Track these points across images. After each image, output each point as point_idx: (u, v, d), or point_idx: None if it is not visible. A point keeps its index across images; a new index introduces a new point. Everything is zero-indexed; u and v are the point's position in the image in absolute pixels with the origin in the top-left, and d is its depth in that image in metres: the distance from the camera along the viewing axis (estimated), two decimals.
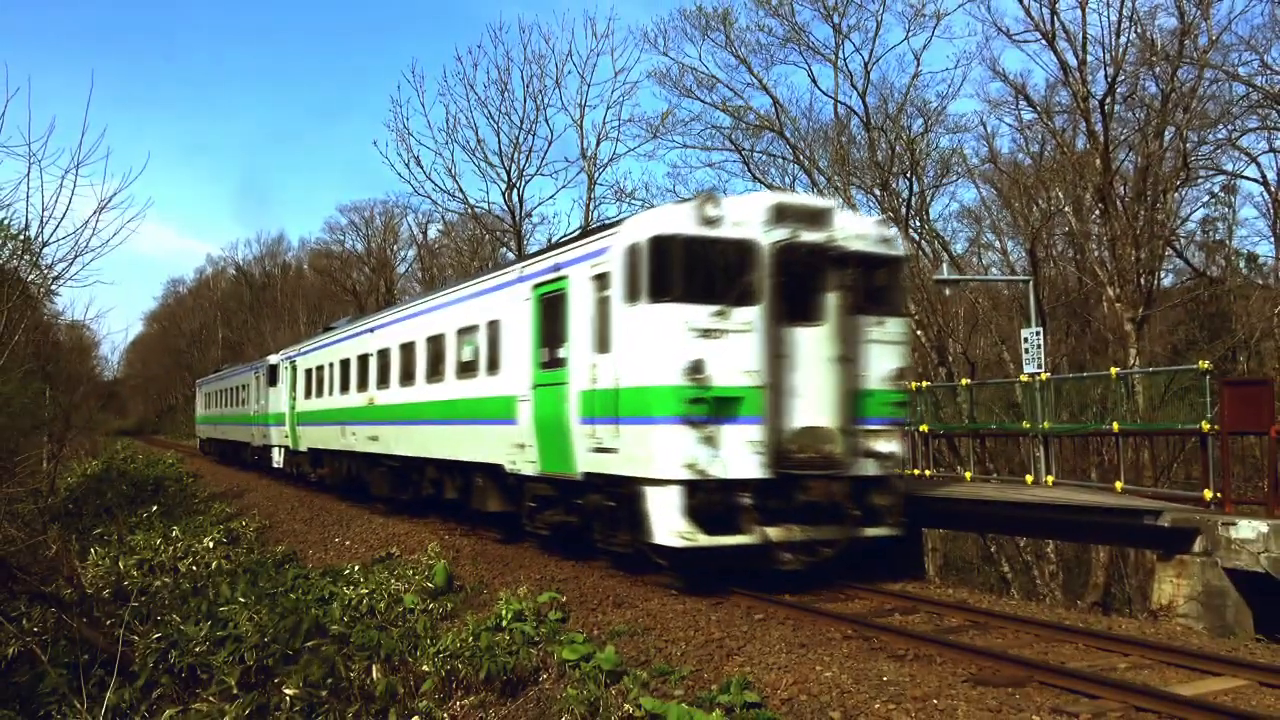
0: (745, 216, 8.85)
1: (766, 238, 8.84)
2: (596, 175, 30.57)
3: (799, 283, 8.97)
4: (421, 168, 33.55)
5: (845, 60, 28.10)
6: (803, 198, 10.01)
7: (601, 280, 9.41)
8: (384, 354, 16.45)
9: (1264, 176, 25.73)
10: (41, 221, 9.56)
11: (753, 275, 8.77)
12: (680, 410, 8.35)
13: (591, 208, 30.59)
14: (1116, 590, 20.79)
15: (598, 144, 30.41)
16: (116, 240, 10.23)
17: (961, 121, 44.81)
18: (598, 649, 6.93)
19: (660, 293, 8.59)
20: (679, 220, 8.72)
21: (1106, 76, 22.59)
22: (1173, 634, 8.12)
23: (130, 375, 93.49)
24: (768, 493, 8.62)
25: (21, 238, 10.90)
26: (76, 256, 10.05)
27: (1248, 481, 17.96)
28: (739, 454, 8.53)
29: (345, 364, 18.98)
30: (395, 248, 57.91)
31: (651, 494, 8.64)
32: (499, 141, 30.71)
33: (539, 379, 10.63)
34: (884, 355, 9.52)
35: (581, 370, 9.65)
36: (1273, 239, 27.14)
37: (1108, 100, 22.57)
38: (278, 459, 25.74)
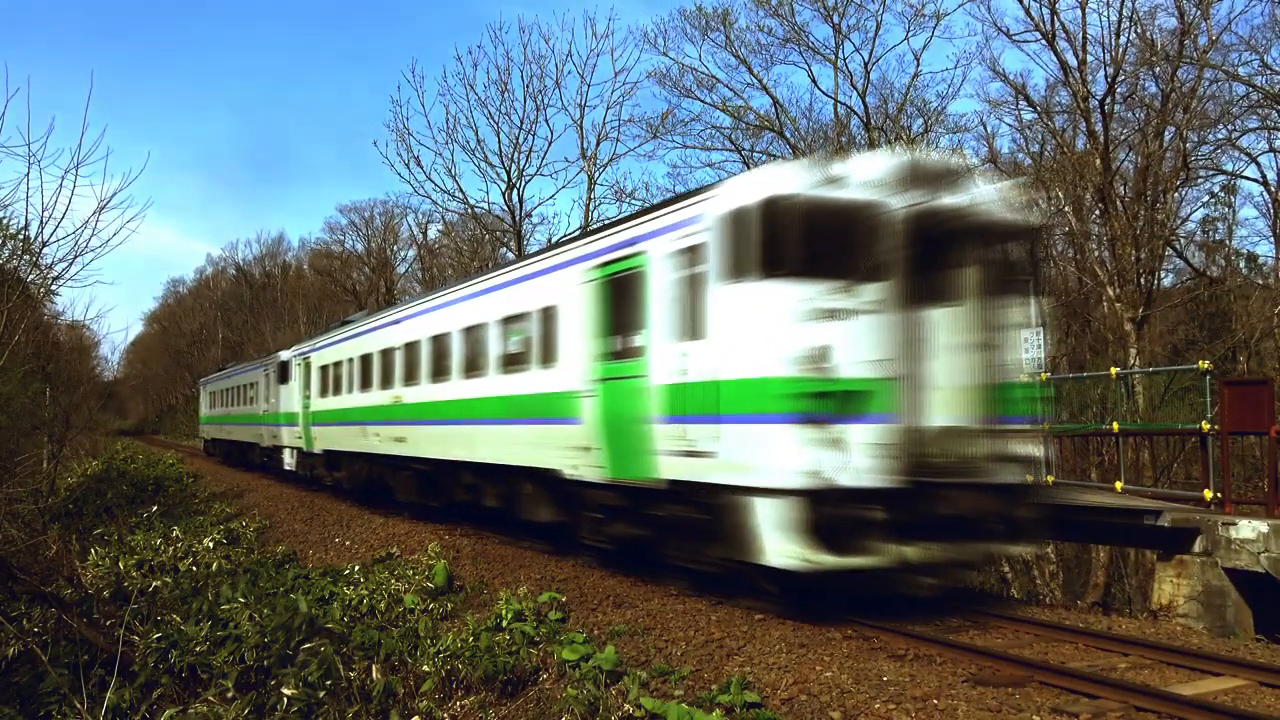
0: (872, 177, 7.61)
1: (897, 202, 7.51)
2: (596, 175, 30.57)
3: (933, 256, 7.61)
4: (421, 168, 33.55)
5: (845, 60, 28.15)
6: (937, 157, 8.69)
7: (692, 254, 8.15)
8: (412, 348, 15.13)
9: (1264, 176, 25.80)
10: (41, 221, 9.59)
11: (882, 246, 7.43)
12: (799, 406, 7.14)
13: (591, 208, 30.60)
14: (1116, 590, 20.77)
15: (598, 144, 30.43)
16: (116, 240, 10.27)
17: (961, 122, 44.65)
18: (598, 649, 6.93)
19: (774, 266, 7.30)
20: (795, 179, 7.46)
21: (1106, 76, 22.59)
22: (1173, 634, 8.11)
23: (130, 375, 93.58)
24: (900, 504, 7.23)
25: (21, 238, 10.93)
26: (76, 256, 10.09)
27: (1248, 481, 17.98)
28: (867, 458, 7.24)
29: (366, 360, 17.56)
30: (395, 248, 58.03)
31: (760, 506, 7.38)
32: (499, 141, 30.75)
33: (606, 371, 9.44)
34: (1023, 342, 8.24)
35: (665, 361, 8.44)
36: (1273, 239, 27.17)
37: (1108, 100, 22.57)
38: (289, 461, 24.44)
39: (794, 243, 7.27)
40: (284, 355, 25.14)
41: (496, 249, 34.61)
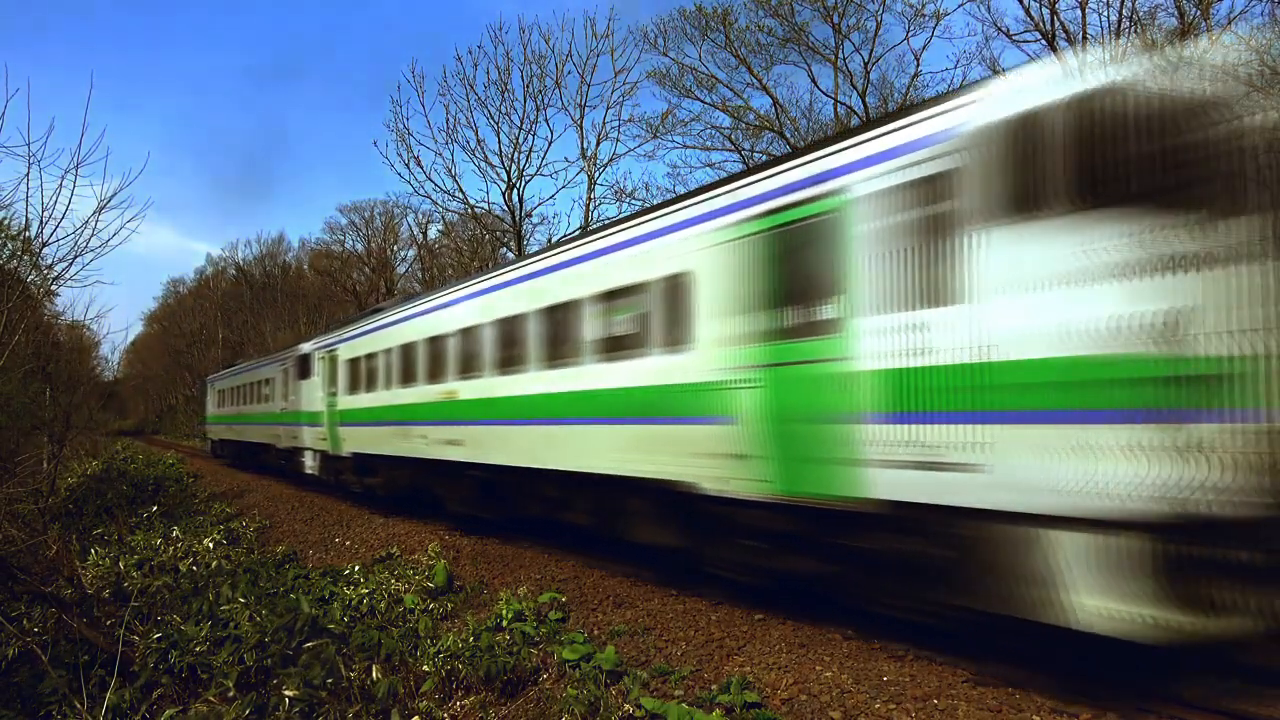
0: (1219, 74, 5.55)
1: (1257, 109, 5.42)
2: (596, 175, 30.58)
3: None
4: (421, 168, 33.64)
5: (845, 60, 28.15)
6: None
7: (929, 189, 6.15)
8: (471, 335, 12.96)
9: None
10: (41, 221, 9.59)
11: (1244, 168, 5.30)
12: (1138, 398, 5.12)
13: (591, 208, 30.63)
14: None
15: (598, 144, 30.45)
16: (116, 240, 10.30)
17: None
18: (598, 649, 6.94)
19: (1090, 194, 5.38)
20: (1114, 71, 5.49)
21: None
22: None
23: (130, 375, 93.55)
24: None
25: (21, 238, 10.93)
26: (76, 256, 10.08)
27: None
28: (1237, 471, 4.97)
29: (409, 350, 15.22)
30: (395, 248, 58.06)
31: (1067, 543, 5.39)
32: (499, 141, 30.94)
33: (773, 355, 7.41)
34: None
35: (879, 337, 6.45)
36: None
37: None
38: (311, 464, 22.00)
39: (1123, 159, 5.31)
40: (305, 348, 22.59)
41: (496, 249, 34.64)
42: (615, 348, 9.58)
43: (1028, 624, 5.89)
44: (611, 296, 9.68)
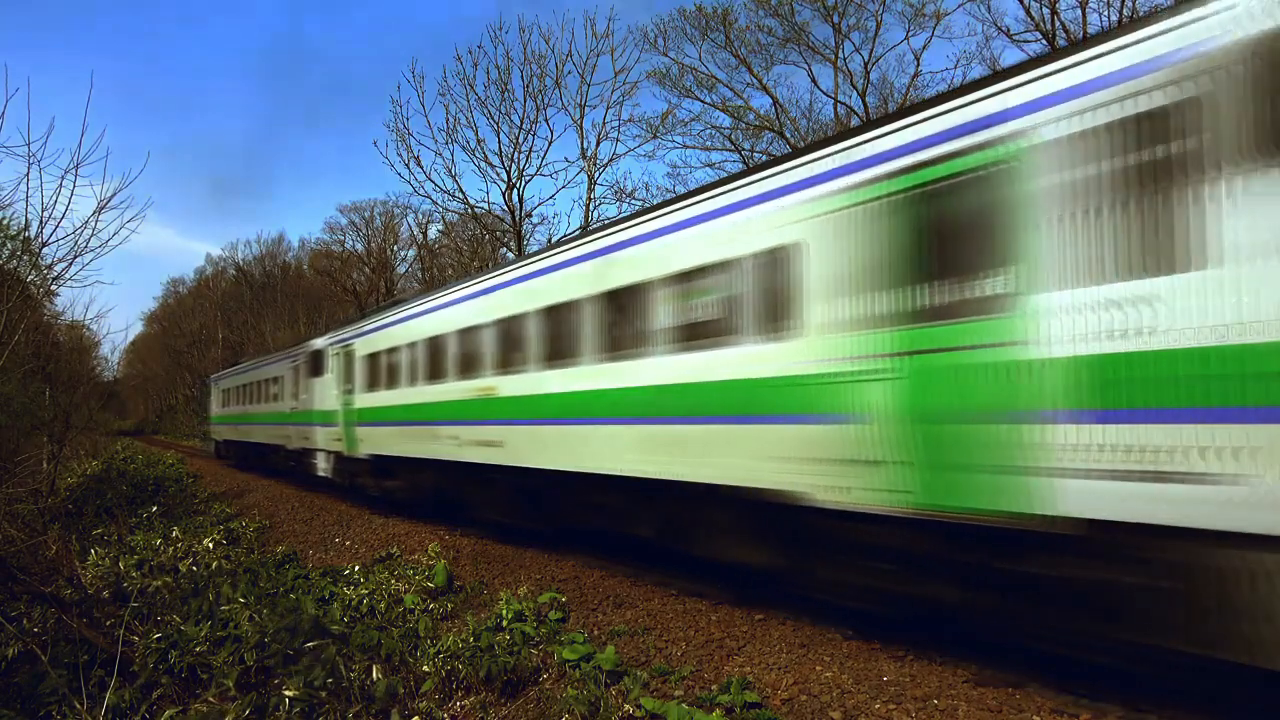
0: None
1: None
2: (596, 175, 30.59)
3: None
4: (421, 168, 33.67)
5: (845, 60, 28.19)
6: None
7: (1150, 126, 5.01)
8: (512, 325, 11.74)
9: None
10: (41, 221, 9.59)
11: None
12: None
13: (591, 208, 30.64)
14: None
15: (598, 144, 30.46)
16: (116, 240, 10.31)
17: None
18: (598, 649, 6.94)
19: None
20: None
21: None
22: None
23: (130, 375, 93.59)
24: None
25: (21, 238, 10.94)
26: (76, 256, 10.08)
27: None
28: None
29: (437, 344, 14.10)
30: (395, 248, 58.08)
31: None
32: (499, 141, 30.94)
33: (913, 340, 6.24)
34: None
35: (1077, 314, 5.28)
36: None
37: None
38: (324, 467, 20.81)
39: None
40: (317, 343, 21.38)
41: (496, 249, 34.66)
42: (693, 336, 8.45)
43: (1028, 624, 5.86)
44: (687, 278, 8.52)
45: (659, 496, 9.02)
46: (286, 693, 6.22)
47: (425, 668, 6.83)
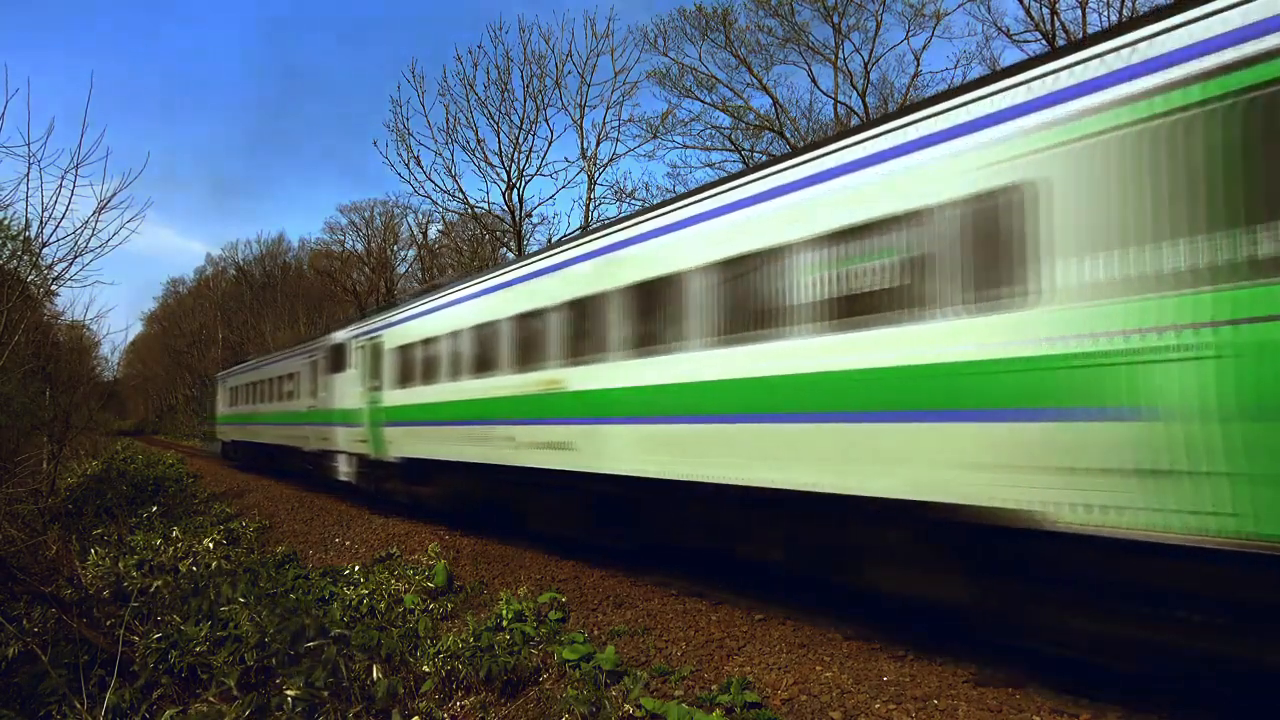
0: None
1: None
2: (596, 175, 30.61)
3: None
4: (421, 168, 33.68)
5: (845, 60, 28.22)
6: None
7: None
8: (587, 306, 10.12)
9: None
10: (41, 221, 9.59)
11: None
12: None
13: (591, 208, 30.65)
14: None
15: (598, 144, 30.51)
16: (116, 240, 10.32)
17: None
18: (598, 649, 6.94)
19: None
20: None
21: None
22: None
23: (130, 375, 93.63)
24: None
25: (21, 238, 10.94)
26: (76, 256, 10.08)
27: None
28: None
29: (487, 332, 12.47)
30: (395, 248, 58.08)
31: None
32: (499, 141, 30.94)
33: (1245, 304, 4.63)
34: None
35: None
36: None
37: None
38: (345, 470, 19.16)
39: None
40: (338, 336, 19.63)
41: (496, 249, 34.68)
42: (854, 311, 6.76)
43: (1027, 624, 5.73)
44: (845, 237, 6.83)
45: (792, 513, 7.48)
46: (289, 692, 6.22)
47: (425, 668, 6.83)
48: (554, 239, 29.64)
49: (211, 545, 13.04)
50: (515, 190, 31.10)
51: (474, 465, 12.61)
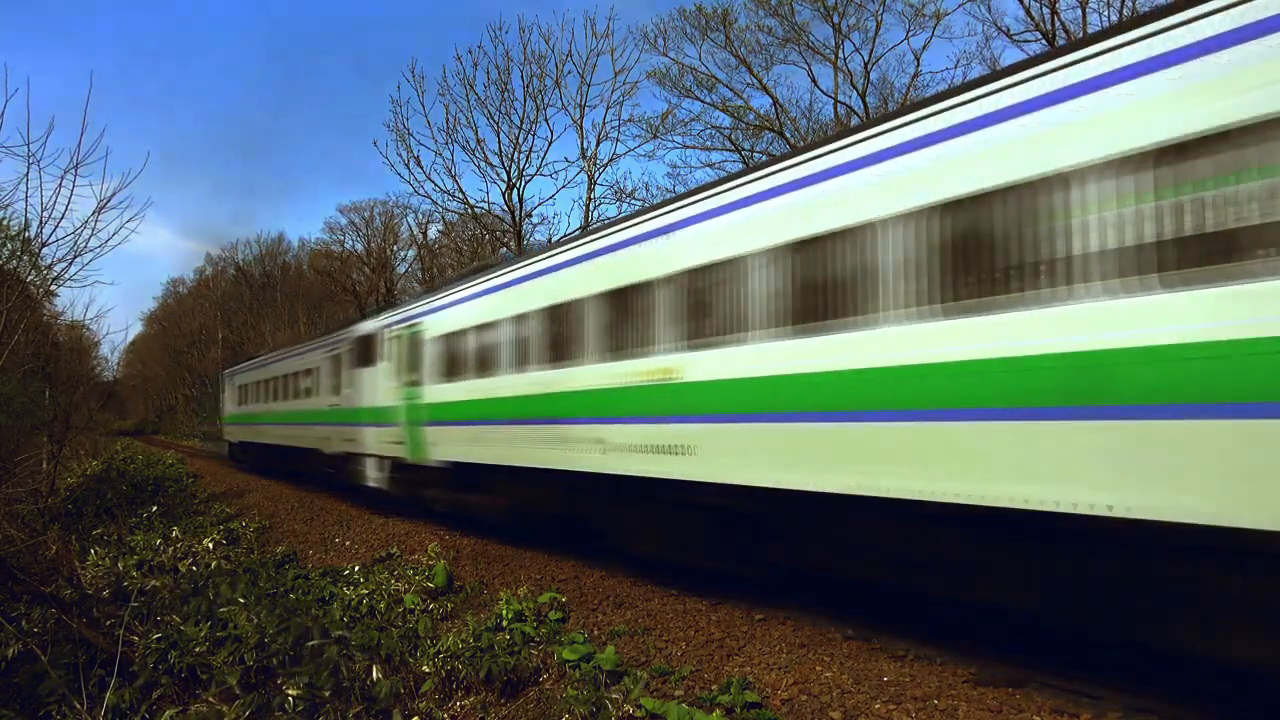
0: None
1: None
2: (596, 175, 30.61)
3: None
4: (421, 168, 33.69)
5: (845, 60, 28.23)
6: None
7: None
8: (722, 275, 8.06)
9: None
10: (41, 221, 9.61)
11: None
12: None
13: (591, 208, 30.65)
14: None
15: (598, 144, 30.49)
16: (116, 240, 10.32)
17: None
18: (598, 649, 6.94)
19: None
20: None
21: None
22: None
23: (130, 375, 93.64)
24: None
25: (21, 238, 10.95)
26: (76, 256, 10.10)
27: None
28: None
29: (565, 314, 10.44)
30: (395, 248, 58.06)
31: None
32: (499, 141, 30.90)
33: None
34: None
35: None
36: None
37: None
38: (375, 475, 17.14)
39: None
40: (366, 327, 17.69)
41: (496, 249, 34.68)
42: (1186, 261, 4.82)
43: (1027, 624, 5.61)
44: (1184, 152, 4.83)
45: (1042, 543, 5.62)
46: (290, 691, 6.22)
47: (425, 668, 6.83)
48: (552, 239, 29.64)
49: (211, 545, 13.04)
50: (515, 190, 31.12)
51: (548, 471, 10.57)
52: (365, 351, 17.30)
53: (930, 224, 6.23)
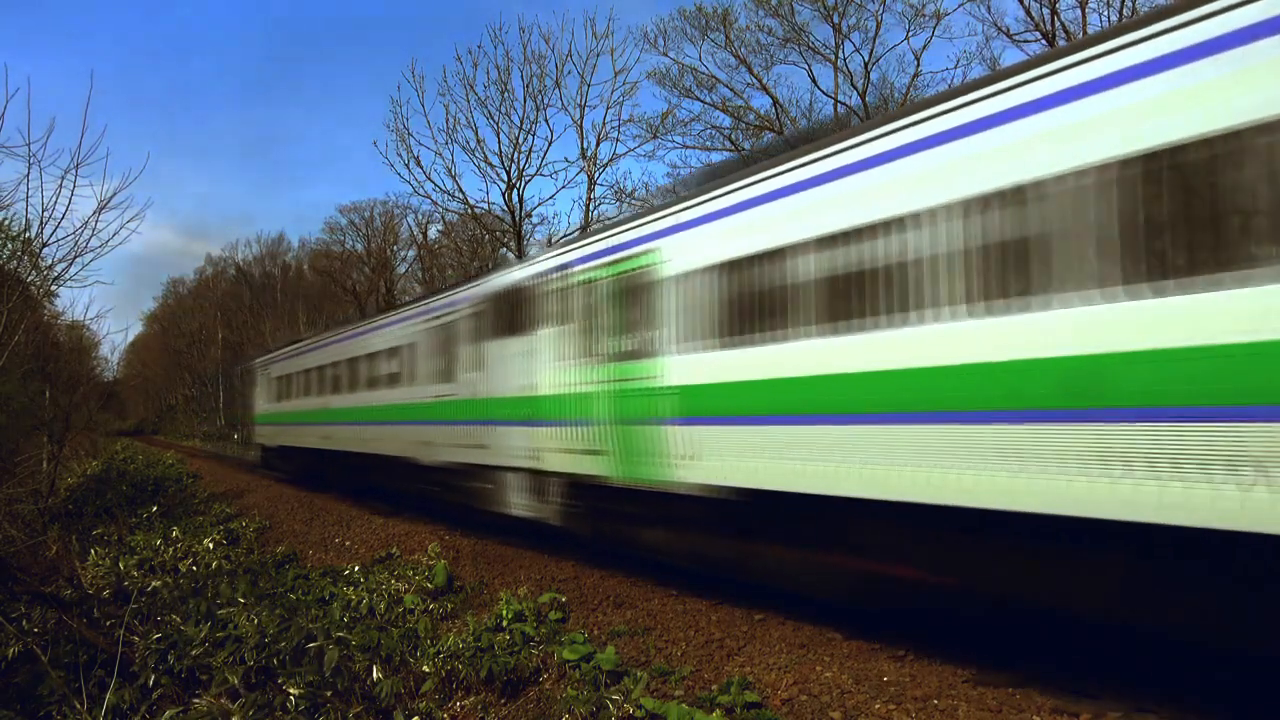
0: None
1: None
2: (596, 175, 30.58)
3: None
4: (421, 168, 33.67)
5: (845, 60, 28.22)
6: None
7: None
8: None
9: None
10: (41, 222, 9.63)
11: None
12: None
13: (591, 208, 30.64)
14: None
15: (598, 144, 30.43)
16: (116, 240, 10.32)
17: None
18: (598, 649, 6.94)
19: None
20: None
21: None
22: None
23: (130, 375, 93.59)
24: None
25: (21, 238, 10.96)
26: (76, 256, 10.12)
27: None
28: None
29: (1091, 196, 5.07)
30: (395, 248, 58.00)
31: None
32: (499, 141, 30.85)
33: None
34: None
35: None
36: None
37: None
38: (526, 500, 11.63)
39: None
40: (513, 276, 12.00)
41: (496, 249, 34.68)
42: None
43: (1027, 623, 5.45)
44: None
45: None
46: (291, 691, 6.22)
47: (425, 668, 6.83)
48: (552, 238, 29.62)
49: (211, 545, 13.04)
50: (515, 190, 31.07)
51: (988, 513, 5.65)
52: (507, 315, 11.87)
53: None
